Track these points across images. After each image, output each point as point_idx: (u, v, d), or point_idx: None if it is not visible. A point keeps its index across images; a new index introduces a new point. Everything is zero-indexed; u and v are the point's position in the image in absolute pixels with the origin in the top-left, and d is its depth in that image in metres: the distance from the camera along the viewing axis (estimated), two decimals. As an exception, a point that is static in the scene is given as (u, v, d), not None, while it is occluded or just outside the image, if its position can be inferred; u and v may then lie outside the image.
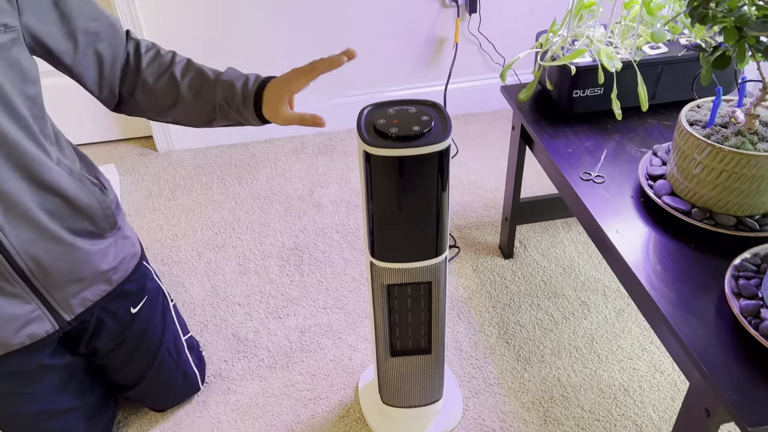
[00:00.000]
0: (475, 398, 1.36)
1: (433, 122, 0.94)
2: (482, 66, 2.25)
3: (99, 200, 1.07)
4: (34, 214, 0.97)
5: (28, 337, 1.05)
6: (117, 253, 1.14)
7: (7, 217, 0.94)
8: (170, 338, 1.29)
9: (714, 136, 1.02)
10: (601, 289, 1.60)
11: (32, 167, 0.95)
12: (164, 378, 1.29)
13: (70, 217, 1.03)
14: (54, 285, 1.04)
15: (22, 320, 1.03)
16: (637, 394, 1.35)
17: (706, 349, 0.87)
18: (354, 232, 1.81)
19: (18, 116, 0.92)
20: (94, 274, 1.10)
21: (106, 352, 1.21)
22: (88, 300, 1.11)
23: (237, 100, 1.02)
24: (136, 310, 1.21)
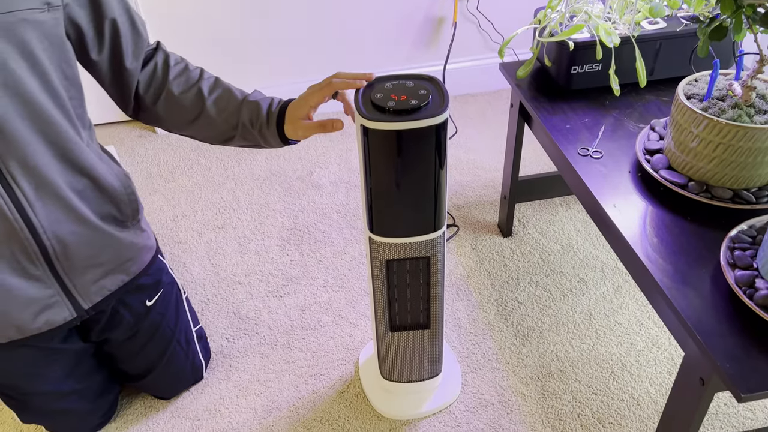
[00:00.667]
0: (474, 373, 1.37)
1: (430, 96, 0.94)
2: (481, 45, 2.24)
3: (124, 185, 1.09)
4: (63, 193, 0.98)
5: (46, 323, 1.06)
6: (135, 244, 1.15)
7: (37, 194, 0.95)
8: (182, 331, 1.30)
9: (711, 109, 1.03)
10: (599, 266, 1.61)
11: (66, 146, 0.96)
12: (173, 369, 1.31)
13: (96, 199, 1.04)
14: (75, 270, 1.05)
15: (41, 305, 1.04)
16: (635, 369, 1.36)
17: (701, 320, 0.88)
18: (353, 212, 1.82)
19: (56, 95, 0.93)
20: (114, 262, 1.11)
21: (118, 343, 1.22)
22: (106, 289, 1.12)
23: (261, 120, 1.04)
24: (151, 303, 1.22)
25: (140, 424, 1.31)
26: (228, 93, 1.06)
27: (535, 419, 1.29)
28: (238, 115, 1.05)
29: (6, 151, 0.90)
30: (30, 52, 0.88)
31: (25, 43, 0.87)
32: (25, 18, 0.85)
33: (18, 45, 0.86)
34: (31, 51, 0.88)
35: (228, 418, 1.32)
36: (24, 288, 1.01)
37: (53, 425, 1.27)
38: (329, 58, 2.16)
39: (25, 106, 0.89)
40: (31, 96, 0.89)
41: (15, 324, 1.03)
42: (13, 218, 0.94)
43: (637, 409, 1.29)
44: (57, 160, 0.96)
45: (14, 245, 0.96)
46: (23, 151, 0.91)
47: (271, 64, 2.12)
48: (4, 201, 0.92)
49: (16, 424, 1.32)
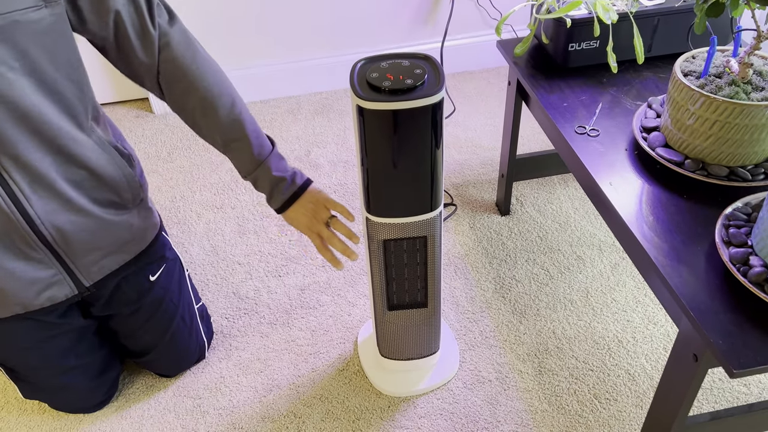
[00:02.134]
0: (472, 351, 1.39)
1: (426, 75, 0.94)
2: (479, 22, 2.22)
3: (125, 173, 1.09)
4: (58, 185, 0.99)
5: (48, 299, 1.09)
6: (138, 225, 1.16)
7: (32, 188, 0.96)
8: (185, 307, 1.31)
9: (708, 86, 1.02)
10: (597, 243, 1.62)
11: (61, 142, 0.96)
12: (176, 346, 1.32)
13: (95, 188, 1.05)
14: (75, 253, 1.07)
15: (44, 283, 1.07)
16: (631, 345, 1.38)
17: (695, 297, 0.88)
18: (352, 192, 1.82)
19: (54, 91, 0.93)
20: (115, 245, 1.13)
21: (122, 318, 1.24)
22: (107, 268, 1.14)
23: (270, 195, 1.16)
24: (154, 278, 1.24)
25: (142, 403, 1.33)
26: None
27: (532, 395, 1.30)
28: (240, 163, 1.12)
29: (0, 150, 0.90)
30: (24, 53, 0.87)
31: (17, 44, 0.86)
32: (17, 19, 0.84)
33: (11, 47, 0.85)
34: (25, 51, 0.87)
35: (229, 397, 1.33)
36: (26, 270, 1.03)
37: (54, 401, 1.29)
38: (326, 35, 2.14)
39: (15, 110, 0.89)
40: (21, 100, 0.89)
41: (19, 302, 1.06)
42: (10, 211, 0.95)
43: (633, 385, 1.31)
44: (52, 155, 0.96)
45: (13, 235, 0.98)
46: (14, 148, 0.91)
47: (266, 41, 2.11)
48: (0, 195, 0.94)
49: (20, 402, 1.34)
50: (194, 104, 1.06)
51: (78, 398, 1.28)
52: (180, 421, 1.30)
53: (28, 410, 1.33)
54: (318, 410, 1.30)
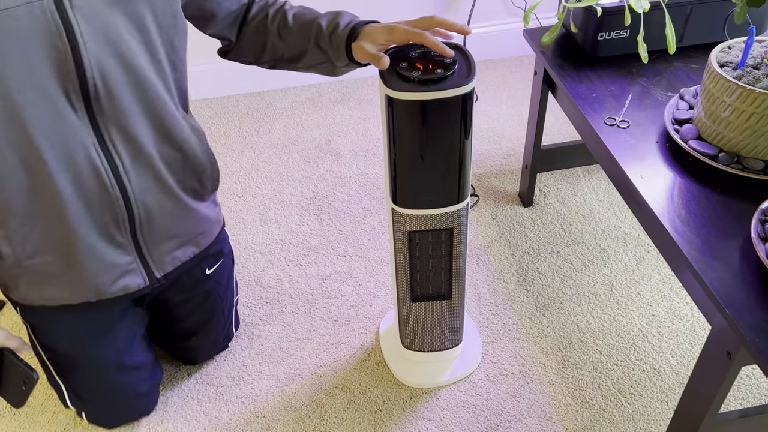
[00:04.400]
0: (494, 343, 1.38)
1: (456, 65, 0.93)
2: (503, 10, 2.19)
3: (210, 160, 1.12)
4: (156, 164, 1.01)
5: (122, 288, 1.09)
6: (209, 217, 1.18)
7: (133, 163, 0.98)
8: (228, 301, 1.33)
9: (745, 77, 1.00)
10: (621, 236, 1.59)
11: (165, 119, 0.99)
12: (212, 336, 1.33)
13: (183, 172, 1.07)
14: (154, 239, 1.08)
15: (120, 270, 1.07)
16: (656, 340, 1.36)
17: (729, 293, 0.87)
18: (372, 182, 1.81)
19: (161, 69, 0.96)
20: (189, 234, 1.14)
21: (173, 304, 1.24)
22: (178, 260, 1.15)
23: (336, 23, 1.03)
24: (210, 272, 1.25)
25: (165, 390, 1.34)
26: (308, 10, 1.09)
27: (555, 389, 1.29)
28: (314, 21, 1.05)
29: (112, 120, 0.92)
30: (144, 26, 0.90)
31: (139, 16, 0.88)
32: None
33: (133, 18, 0.88)
34: (144, 25, 0.90)
35: (251, 385, 1.34)
36: (109, 254, 1.04)
37: (100, 408, 1.24)
38: (347, 24, 2.12)
39: (135, 78, 0.92)
40: (140, 69, 0.91)
41: (95, 287, 1.06)
42: (110, 185, 0.97)
43: (658, 380, 1.29)
44: (155, 132, 0.99)
45: (106, 212, 0.99)
46: (127, 120, 0.94)
47: (288, 30, 2.09)
48: (104, 169, 0.95)
49: (54, 415, 1.35)
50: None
51: (127, 404, 1.24)
52: (203, 409, 1.30)
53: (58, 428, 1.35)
54: (340, 400, 1.30)
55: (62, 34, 0.82)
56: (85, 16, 0.83)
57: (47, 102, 0.86)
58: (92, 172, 0.95)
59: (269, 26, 1.09)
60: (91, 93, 0.88)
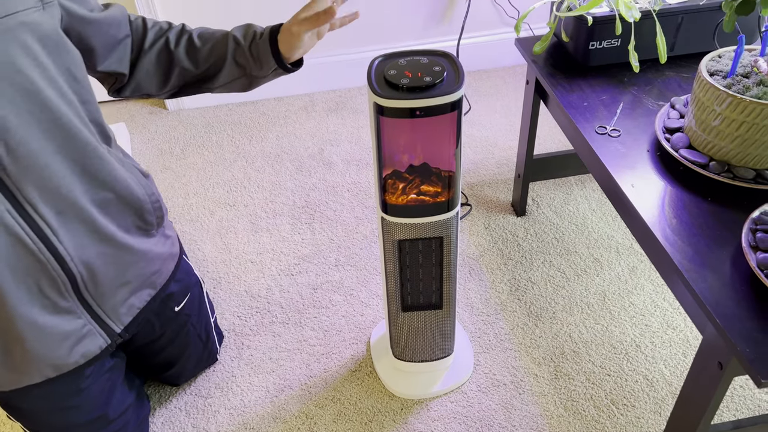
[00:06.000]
0: (486, 353, 1.37)
1: (445, 73, 0.92)
2: (496, 20, 2.19)
3: (148, 192, 1.03)
4: (87, 212, 0.92)
5: (82, 356, 1.01)
6: (159, 254, 1.10)
7: (60, 219, 0.89)
8: (202, 326, 1.30)
9: (735, 86, 0.99)
10: (614, 246, 1.59)
11: (87, 159, 0.90)
12: (192, 361, 1.31)
13: (120, 213, 0.98)
14: (102, 294, 1.00)
15: (75, 337, 0.98)
16: (649, 350, 1.35)
17: (720, 302, 0.86)
18: (365, 191, 1.80)
19: (69, 101, 0.86)
20: (141, 278, 1.06)
21: (143, 344, 1.19)
22: (135, 307, 1.08)
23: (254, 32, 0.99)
24: (180, 308, 1.21)
25: (153, 402, 1.32)
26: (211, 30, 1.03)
27: (547, 400, 1.28)
28: (226, 37, 1.00)
29: (24, 176, 0.82)
30: (35, 57, 0.81)
31: (27, 47, 0.80)
32: (23, 20, 0.79)
33: (24, 49, 0.79)
34: (35, 55, 0.81)
35: (240, 396, 1.32)
36: (56, 323, 0.95)
37: None
38: (341, 32, 2.12)
39: (44, 114, 0.82)
40: (49, 102, 0.82)
41: (52, 362, 0.97)
42: (38, 250, 0.87)
43: (651, 391, 1.28)
44: (78, 176, 0.89)
45: (41, 279, 0.90)
46: (43, 172, 0.84)
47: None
48: (26, 233, 0.85)
49: None
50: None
51: None
52: (191, 420, 1.29)
53: None
54: (330, 411, 1.28)
55: None
56: None
57: None
58: (13, 241, 0.84)
59: (174, 51, 1.01)
60: None
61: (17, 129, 0.80)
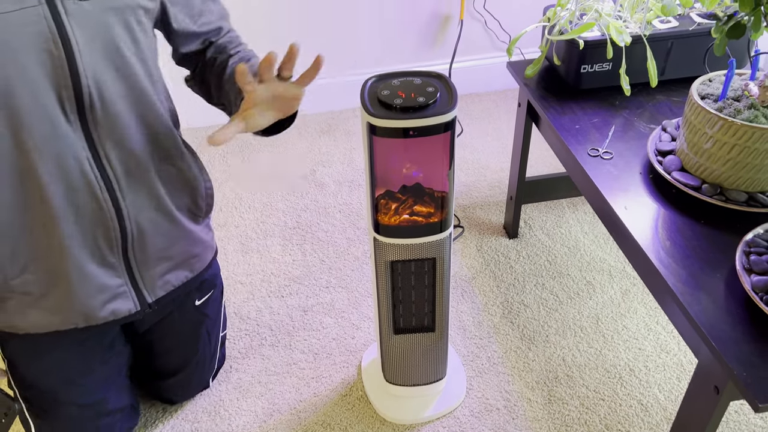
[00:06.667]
0: (479, 377, 1.35)
1: (438, 93, 0.92)
2: (488, 45, 2.22)
3: (204, 179, 1.11)
4: (151, 179, 0.99)
5: (112, 312, 1.05)
6: (203, 240, 1.16)
7: (128, 179, 0.96)
8: (214, 337, 1.29)
9: (726, 109, 1.00)
10: (607, 269, 1.58)
11: (161, 132, 0.98)
12: (198, 372, 1.28)
13: (178, 190, 1.06)
14: (146, 261, 1.05)
15: (110, 293, 1.03)
16: (643, 374, 1.34)
17: (715, 326, 0.85)
18: (357, 212, 1.79)
19: (154, 81, 0.96)
20: (183, 256, 1.12)
21: (155, 337, 1.20)
22: (171, 284, 1.12)
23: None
24: (200, 303, 1.22)
25: (139, 426, 1.29)
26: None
27: (541, 425, 1.26)
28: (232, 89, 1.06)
29: (107, 133, 0.91)
30: (136, 38, 0.90)
31: (131, 27, 0.89)
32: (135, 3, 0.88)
33: (127, 28, 0.88)
34: (136, 37, 0.90)
35: (228, 421, 1.29)
36: (99, 275, 1.00)
37: None
38: (334, 55, 2.13)
39: (131, 88, 0.91)
40: (136, 79, 0.91)
41: (84, 311, 1.02)
42: (103, 199, 0.94)
43: (646, 416, 1.26)
44: (151, 146, 0.98)
45: (99, 228, 0.96)
46: (123, 133, 0.92)
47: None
48: (98, 183, 0.93)
49: None
50: None
51: None
52: (177, 446, 1.26)
53: None
54: (320, 437, 1.26)
55: (57, 41, 0.81)
56: (80, 24, 0.83)
57: (41, 110, 0.84)
58: (85, 186, 0.92)
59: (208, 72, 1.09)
60: (86, 103, 0.87)
61: (112, 89, 0.89)
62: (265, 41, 2.05)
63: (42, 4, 0.80)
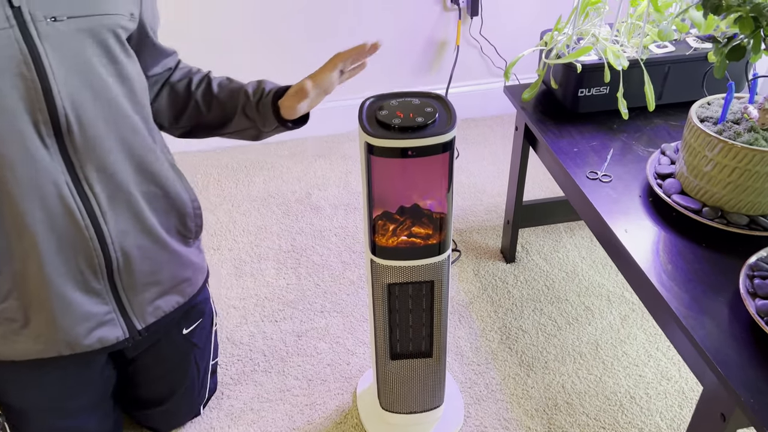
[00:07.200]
0: (477, 405, 1.32)
1: (437, 114, 0.91)
2: (484, 70, 2.23)
3: (191, 198, 1.08)
4: (135, 202, 0.96)
5: (99, 340, 1.01)
6: (193, 263, 1.13)
7: (111, 203, 0.93)
8: (203, 365, 1.25)
9: (726, 132, 0.99)
10: (606, 294, 1.56)
11: (143, 153, 0.96)
12: (185, 403, 1.25)
13: (165, 211, 1.03)
14: (134, 287, 1.02)
15: (96, 321, 1.00)
16: (644, 402, 1.31)
17: (720, 350, 0.83)
18: (353, 235, 1.77)
19: (136, 101, 0.94)
20: (173, 280, 1.08)
21: (141, 367, 1.16)
22: (161, 310, 1.09)
23: (261, 89, 1.05)
24: (187, 332, 1.18)
25: (126, 455, 1.25)
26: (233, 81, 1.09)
27: (540, 454, 1.23)
28: (240, 90, 1.06)
29: (87, 156, 0.88)
30: (114, 57, 0.88)
31: (108, 45, 0.87)
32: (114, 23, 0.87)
33: (102, 47, 0.86)
34: (115, 57, 0.88)
35: (218, 449, 1.25)
36: (83, 303, 0.97)
37: None
38: (330, 80, 2.13)
39: (110, 108, 0.89)
40: (116, 102, 0.89)
41: (67, 339, 0.98)
42: (85, 226, 0.91)
43: (648, 445, 1.24)
44: (133, 168, 0.95)
45: (80, 254, 0.93)
46: (104, 156, 0.90)
47: (271, 85, 2.10)
48: (78, 209, 0.90)
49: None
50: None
51: None
52: (165, 476, 1.21)
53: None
54: (313, 466, 1.22)
55: (29, 63, 0.80)
56: (54, 46, 0.81)
57: (16, 134, 0.82)
58: (65, 212, 0.89)
59: (193, 92, 1.08)
60: (62, 126, 0.85)
61: (89, 111, 0.86)
62: (259, 66, 2.06)
63: (13, 26, 0.78)
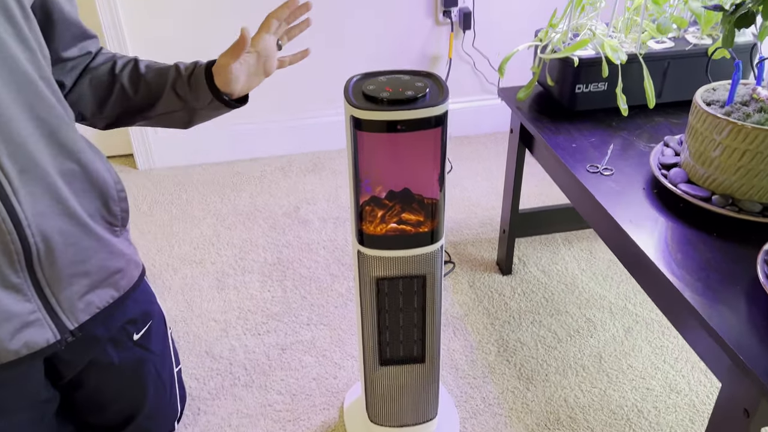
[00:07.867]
0: (474, 419, 1.22)
1: (428, 89, 0.85)
2: (476, 87, 2.19)
3: (114, 178, 0.97)
4: (51, 179, 0.85)
5: (25, 345, 0.88)
6: (125, 254, 1.00)
7: (23, 178, 0.81)
8: (166, 373, 1.13)
9: (735, 113, 0.94)
10: (607, 306, 1.48)
11: (55, 123, 0.85)
12: (155, 419, 1.13)
13: (85, 192, 0.91)
14: (59, 280, 0.90)
15: (20, 321, 0.87)
16: (653, 416, 1.22)
17: (741, 341, 0.75)
18: (342, 248, 1.70)
19: (41, 68, 0.84)
20: (103, 272, 0.96)
21: (93, 387, 1.04)
22: (94, 306, 0.96)
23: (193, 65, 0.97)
24: (138, 337, 1.06)
25: (90, 475, 1.14)
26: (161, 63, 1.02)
27: (543, 472, 1.13)
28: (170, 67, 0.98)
29: None
30: (14, 20, 0.79)
31: (8, 8, 0.78)
32: None
33: (3, 10, 0.78)
34: (15, 18, 0.79)
35: (192, 469, 1.15)
36: (3, 300, 0.85)
37: None
38: (322, 94, 2.09)
39: (12, 74, 0.79)
40: (18, 65, 0.79)
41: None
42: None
43: (659, 462, 1.14)
44: (45, 139, 0.84)
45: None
46: (9, 126, 0.79)
47: (262, 100, 2.05)
48: None
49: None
50: None
51: None
52: (132, 497, 1.10)
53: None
54: (295, 486, 1.12)
55: None
56: None
57: None
58: None
59: (117, 75, 1.00)
60: None
61: None
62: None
63: None
